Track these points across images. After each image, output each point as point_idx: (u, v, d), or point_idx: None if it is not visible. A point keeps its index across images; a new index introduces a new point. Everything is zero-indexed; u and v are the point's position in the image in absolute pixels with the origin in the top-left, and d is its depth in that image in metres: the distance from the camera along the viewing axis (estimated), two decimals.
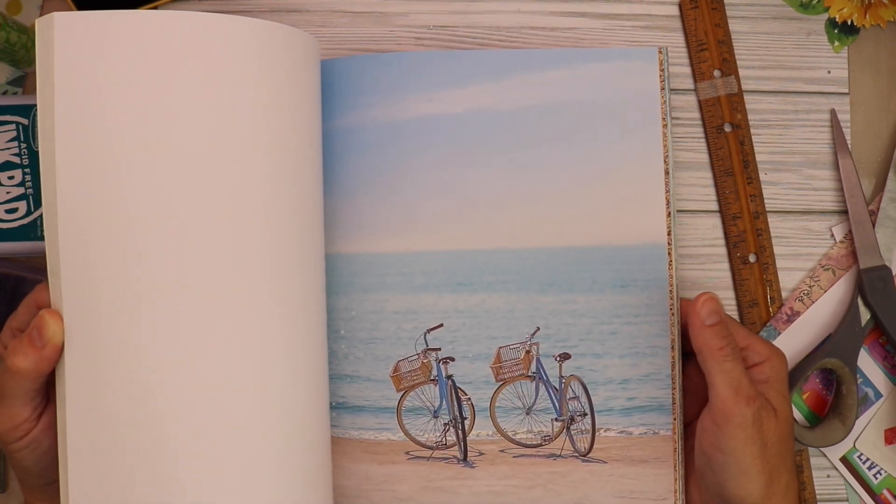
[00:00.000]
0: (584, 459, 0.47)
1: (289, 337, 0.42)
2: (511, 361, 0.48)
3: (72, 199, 0.40)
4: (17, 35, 0.49)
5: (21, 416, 0.41)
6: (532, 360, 0.48)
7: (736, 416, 0.42)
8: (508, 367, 0.48)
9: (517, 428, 0.48)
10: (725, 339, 0.43)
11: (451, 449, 0.48)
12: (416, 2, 0.53)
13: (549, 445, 0.47)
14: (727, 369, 0.42)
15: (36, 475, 0.43)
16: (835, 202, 0.53)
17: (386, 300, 0.48)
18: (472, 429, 0.48)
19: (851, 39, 0.53)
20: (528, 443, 0.47)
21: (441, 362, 0.48)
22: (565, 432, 0.47)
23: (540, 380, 0.48)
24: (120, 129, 0.40)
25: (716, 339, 0.43)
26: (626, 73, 0.48)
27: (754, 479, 0.42)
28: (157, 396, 0.40)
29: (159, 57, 0.40)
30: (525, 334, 0.48)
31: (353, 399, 0.48)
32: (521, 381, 0.48)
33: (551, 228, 0.48)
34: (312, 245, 0.44)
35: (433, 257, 0.48)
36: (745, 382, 0.42)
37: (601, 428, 0.48)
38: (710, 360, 0.43)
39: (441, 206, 0.48)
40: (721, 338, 0.43)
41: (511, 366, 0.48)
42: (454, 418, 0.48)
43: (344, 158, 0.48)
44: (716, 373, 0.42)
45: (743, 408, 0.42)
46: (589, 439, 0.47)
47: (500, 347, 0.48)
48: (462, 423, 0.48)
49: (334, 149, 0.48)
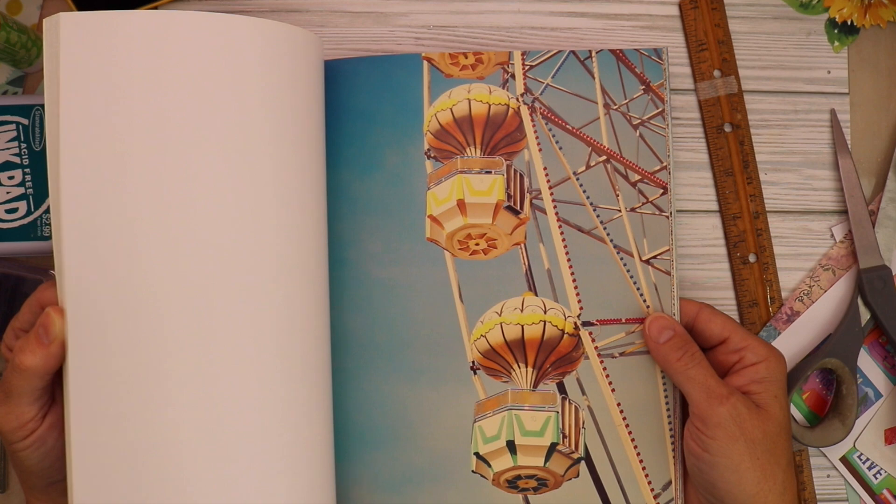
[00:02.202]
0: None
1: (293, 334, 0.42)
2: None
3: (76, 198, 0.40)
4: (17, 35, 0.49)
5: (27, 414, 0.41)
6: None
7: (712, 416, 0.43)
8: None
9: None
10: (682, 349, 0.45)
11: None
12: (416, 2, 0.53)
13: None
14: (692, 376, 0.44)
15: (38, 475, 0.43)
16: (835, 202, 0.53)
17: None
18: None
19: (851, 39, 0.53)
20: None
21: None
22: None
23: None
24: (124, 127, 0.40)
25: (673, 353, 0.45)
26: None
27: (745, 476, 0.42)
28: (162, 395, 0.40)
29: (164, 56, 0.40)
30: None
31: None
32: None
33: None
34: (316, 244, 0.44)
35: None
36: (713, 383, 0.44)
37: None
38: (674, 373, 0.45)
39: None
40: (677, 349, 0.45)
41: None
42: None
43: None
44: (683, 381, 0.44)
45: (717, 407, 0.43)
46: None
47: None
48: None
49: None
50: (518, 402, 0.47)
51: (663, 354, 0.45)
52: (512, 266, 0.48)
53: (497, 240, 0.48)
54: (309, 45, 0.44)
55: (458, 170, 0.49)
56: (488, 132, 0.49)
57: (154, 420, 0.40)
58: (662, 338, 0.45)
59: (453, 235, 0.48)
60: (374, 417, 0.48)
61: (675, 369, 0.44)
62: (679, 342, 0.45)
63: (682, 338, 0.45)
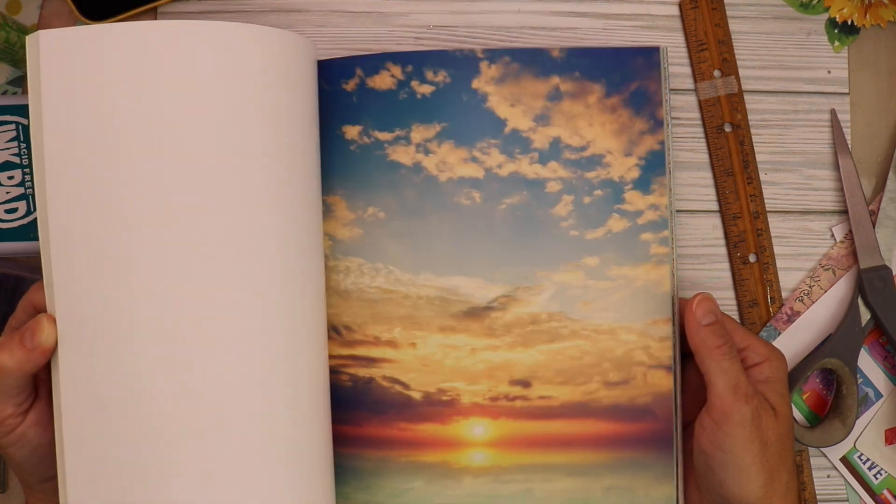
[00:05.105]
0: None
1: (284, 337, 0.42)
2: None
3: (61, 210, 0.40)
4: (17, 35, 0.50)
5: (5, 411, 0.41)
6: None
7: (735, 413, 0.42)
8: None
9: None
10: (722, 337, 0.43)
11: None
12: (416, 2, 0.53)
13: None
14: (725, 368, 0.43)
15: (29, 471, 0.43)
16: (835, 202, 0.53)
17: None
18: None
19: (851, 39, 0.53)
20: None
21: None
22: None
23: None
24: (110, 137, 0.40)
25: (713, 339, 0.43)
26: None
27: (754, 478, 0.42)
28: (152, 397, 0.40)
29: (147, 67, 0.40)
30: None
31: None
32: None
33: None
34: (310, 247, 0.44)
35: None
36: (743, 381, 0.42)
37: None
38: (707, 359, 0.43)
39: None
40: (718, 336, 0.43)
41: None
42: None
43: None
44: (714, 371, 0.43)
45: (742, 406, 0.42)
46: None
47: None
48: None
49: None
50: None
51: (702, 338, 0.43)
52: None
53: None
54: (301, 49, 0.44)
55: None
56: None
57: (143, 422, 0.40)
58: (706, 320, 0.44)
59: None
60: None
61: (712, 356, 0.43)
62: (721, 329, 0.43)
63: (723, 326, 0.44)
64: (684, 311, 0.45)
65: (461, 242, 0.47)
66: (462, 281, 0.47)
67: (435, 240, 0.47)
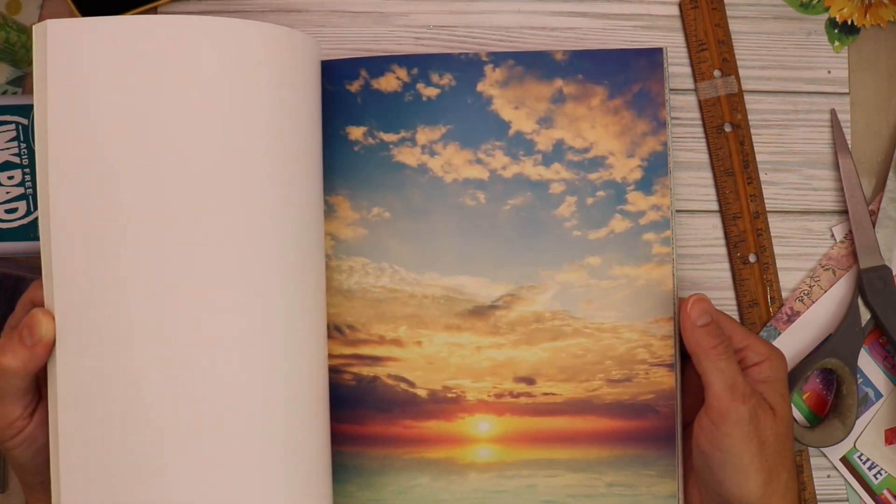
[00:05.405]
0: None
1: (283, 336, 0.42)
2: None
3: (64, 203, 0.40)
4: (17, 35, 0.49)
5: (13, 413, 0.41)
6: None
7: (732, 413, 0.42)
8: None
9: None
10: (718, 337, 0.43)
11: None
12: (416, 2, 0.53)
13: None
14: (722, 368, 0.43)
15: (32, 472, 0.43)
16: (835, 202, 0.53)
17: None
18: None
19: (851, 39, 0.53)
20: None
21: None
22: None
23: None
24: (113, 133, 0.40)
25: (708, 339, 0.43)
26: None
27: (753, 477, 0.42)
28: (150, 395, 0.40)
29: (153, 62, 0.40)
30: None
31: None
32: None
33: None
34: (311, 246, 0.44)
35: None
36: (740, 380, 0.43)
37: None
38: (704, 359, 0.43)
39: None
40: (713, 337, 0.43)
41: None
42: None
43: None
44: (711, 372, 0.43)
45: (739, 405, 0.42)
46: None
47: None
48: None
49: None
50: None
51: (698, 338, 0.44)
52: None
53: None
54: (305, 47, 0.44)
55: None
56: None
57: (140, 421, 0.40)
58: (701, 321, 0.44)
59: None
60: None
61: (708, 356, 0.43)
62: (716, 329, 0.44)
63: (718, 326, 0.44)
64: (680, 312, 0.45)
65: (466, 242, 0.47)
66: (467, 280, 0.47)
67: (440, 240, 0.47)
